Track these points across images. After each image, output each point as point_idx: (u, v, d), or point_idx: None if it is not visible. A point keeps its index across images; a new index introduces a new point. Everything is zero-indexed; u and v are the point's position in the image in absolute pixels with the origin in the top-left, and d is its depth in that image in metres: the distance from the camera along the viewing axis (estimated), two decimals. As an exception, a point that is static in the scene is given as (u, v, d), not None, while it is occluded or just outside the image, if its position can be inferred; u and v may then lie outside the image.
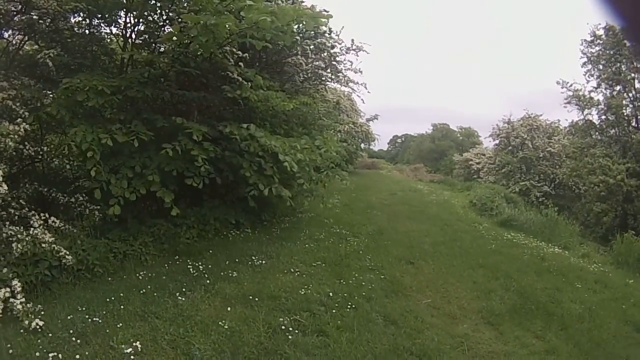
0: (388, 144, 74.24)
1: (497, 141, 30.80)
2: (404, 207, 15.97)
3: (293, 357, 4.46)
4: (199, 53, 7.30)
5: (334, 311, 5.68)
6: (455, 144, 52.73)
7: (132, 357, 4.07)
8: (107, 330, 4.49)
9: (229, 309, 5.34)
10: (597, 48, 22.25)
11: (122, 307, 5.06)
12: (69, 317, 4.68)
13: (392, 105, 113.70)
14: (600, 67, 22.03)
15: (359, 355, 4.68)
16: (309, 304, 5.76)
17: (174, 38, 7.21)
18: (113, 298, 5.25)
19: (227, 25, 5.96)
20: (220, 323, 4.90)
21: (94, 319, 4.71)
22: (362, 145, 30.06)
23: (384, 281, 7.21)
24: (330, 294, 6.18)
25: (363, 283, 6.86)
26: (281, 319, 5.21)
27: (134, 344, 4.21)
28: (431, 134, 59.18)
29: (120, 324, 4.64)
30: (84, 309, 4.92)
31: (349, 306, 5.87)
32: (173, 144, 6.34)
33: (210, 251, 7.43)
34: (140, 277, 6.05)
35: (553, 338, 5.95)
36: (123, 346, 4.19)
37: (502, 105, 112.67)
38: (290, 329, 5.01)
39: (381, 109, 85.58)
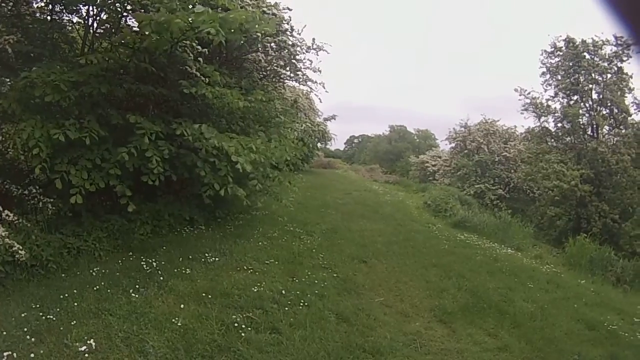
0: (345, 144, 74.46)
1: (453, 144, 31.39)
2: (359, 206, 16.11)
3: (246, 354, 4.52)
4: (158, 49, 7.25)
5: (286, 309, 5.77)
6: (412, 145, 53.51)
7: (86, 355, 4.09)
8: (62, 328, 4.49)
9: (182, 306, 5.37)
10: (557, 59, 23.18)
11: (76, 304, 5.04)
12: (22, 315, 4.66)
13: (352, 105, 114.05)
14: (559, 77, 22.92)
15: (311, 352, 4.78)
16: (261, 302, 5.83)
17: (128, 37, 7.18)
18: (67, 295, 5.22)
19: (178, 23, 5.99)
20: (173, 320, 4.94)
21: (48, 316, 4.70)
22: (319, 145, 30.12)
23: (337, 279, 7.35)
24: (283, 291, 6.28)
25: (316, 281, 6.97)
26: (234, 316, 5.27)
27: (88, 341, 4.23)
28: (388, 135, 59.72)
29: (75, 322, 4.63)
30: (38, 306, 4.90)
31: (301, 304, 5.97)
32: (128, 147, 6.32)
33: (164, 247, 7.44)
34: (94, 274, 6.02)
35: (505, 336, 6.13)
36: (77, 344, 4.21)
37: (461, 108, 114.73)
38: (243, 326, 5.09)
39: (340, 108, 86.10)
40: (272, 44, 11.27)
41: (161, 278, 6.13)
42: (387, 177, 34.29)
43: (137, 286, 5.75)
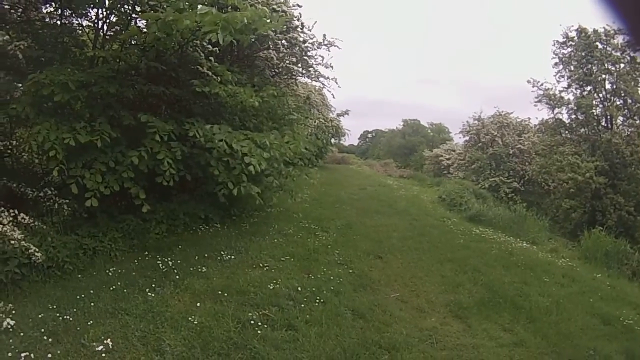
0: (359, 139, 74.19)
1: (467, 138, 31.05)
2: (373, 201, 15.97)
3: (262, 351, 4.53)
4: (166, 48, 7.31)
5: (302, 305, 5.77)
6: (426, 139, 53.41)
7: (103, 354, 4.12)
8: (78, 328, 4.52)
9: (198, 304, 5.40)
10: (569, 49, 22.82)
11: (92, 304, 5.08)
12: (40, 316, 4.70)
13: (365, 100, 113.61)
14: (572, 67, 22.59)
15: (327, 349, 4.77)
16: (277, 299, 5.82)
17: (135, 35, 7.23)
18: (83, 295, 5.25)
19: (186, 22, 6.01)
20: (190, 319, 4.96)
21: (65, 316, 4.73)
22: (332, 140, 30.05)
23: (353, 275, 7.32)
24: (299, 288, 6.27)
25: (331, 277, 6.95)
26: (250, 314, 5.29)
27: (105, 341, 4.26)
28: (402, 129, 59.73)
29: (91, 322, 4.67)
30: (54, 307, 4.92)
31: (317, 300, 5.96)
32: (139, 150, 6.36)
33: (180, 246, 7.45)
34: (110, 274, 6.05)
35: (521, 331, 6.09)
36: (94, 344, 4.23)
37: (473, 102, 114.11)
38: (259, 323, 5.09)
39: (353, 102, 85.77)
40: (284, 41, 11.24)
41: (177, 277, 6.16)
42: (402, 172, 34.24)
43: (153, 285, 5.79)
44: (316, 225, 10.22)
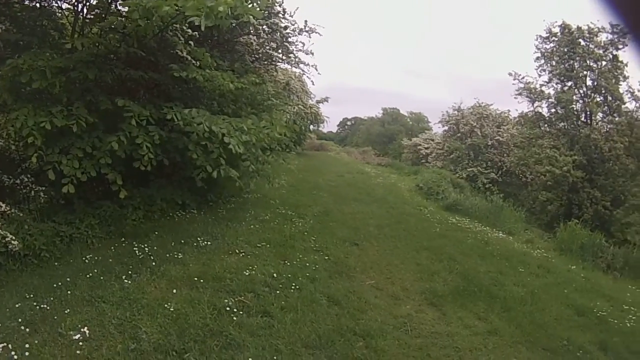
0: (338, 126, 74.37)
1: (446, 127, 31.30)
2: (351, 189, 16.08)
3: (238, 338, 4.58)
4: (146, 33, 7.20)
5: (278, 292, 5.83)
6: (405, 128, 53.60)
7: (80, 343, 4.13)
8: (56, 317, 4.52)
9: (174, 291, 5.41)
10: (552, 45, 23.12)
11: (69, 292, 5.07)
12: (17, 306, 4.70)
13: (346, 87, 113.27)
14: (553, 63, 22.90)
15: (302, 336, 4.86)
16: (253, 285, 5.88)
17: (115, 23, 7.19)
18: (60, 283, 5.24)
19: (166, 8, 5.95)
20: (166, 305, 4.98)
21: (42, 305, 4.73)
22: (311, 127, 30.06)
23: (328, 262, 7.40)
24: (275, 274, 6.33)
25: (307, 264, 7.03)
26: (226, 300, 5.33)
27: (82, 329, 4.27)
28: (381, 117, 60.12)
29: (68, 310, 4.67)
30: (32, 296, 4.94)
31: (292, 287, 6.03)
32: (117, 135, 6.33)
33: (156, 232, 7.45)
34: (86, 261, 6.05)
35: (495, 319, 6.23)
36: (71, 332, 4.24)
37: (455, 93, 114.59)
38: (235, 310, 5.15)
39: (334, 90, 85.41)
40: (265, 27, 11.23)
41: (153, 263, 6.16)
42: (380, 160, 34.45)
43: (129, 272, 5.78)
44: (293, 212, 10.26)
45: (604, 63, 21.95)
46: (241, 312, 5.15)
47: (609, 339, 6.38)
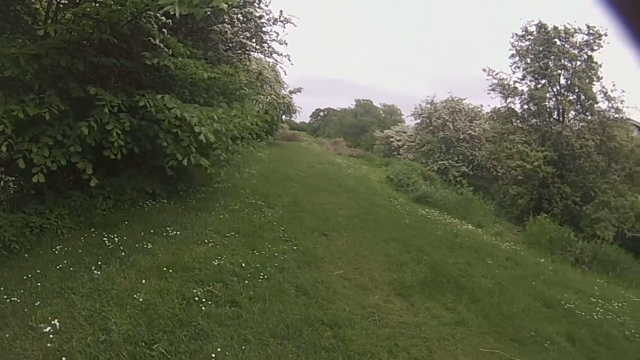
0: (310, 117, 74.20)
1: (418, 120, 31.36)
2: (322, 179, 16.10)
3: (206, 328, 4.63)
4: (119, 19, 7.16)
5: (246, 282, 5.88)
6: (378, 120, 54.23)
7: (51, 335, 4.13)
8: (26, 310, 4.52)
9: (143, 281, 5.41)
10: (527, 43, 23.35)
11: (39, 284, 5.06)
12: (-13, 299, 4.67)
13: (320, 78, 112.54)
14: (528, 60, 23.16)
15: (270, 325, 4.93)
16: (222, 275, 5.92)
17: (89, 9, 7.10)
18: (30, 275, 5.23)
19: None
20: (135, 296, 5.00)
21: (12, 298, 4.72)
22: (283, 117, 30.24)
23: (297, 252, 7.49)
24: (243, 264, 6.37)
25: (276, 254, 7.09)
26: (195, 290, 5.35)
27: (53, 322, 4.27)
28: (354, 109, 60.31)
29: (38, 302, 4.66)
30: (1, 288, 4.91)
31: (261, 277, 6.08)
32: (88, 120, 6.25)
33: (126, 222, 7.42)
34: (56, 252, 6.01)
35: (463, 310, 6.40)
36: (42, 325, 4.24)
37: (430, 87, 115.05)
38: (204, 300, 5.19)
39: (308, 81, 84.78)
40: (239, 15, 11.21)
41: (122, 254, 6.15)
42: (352, 151, 34.64)
43: (99, 263, 5.77)
44: (263, 202, 10.28)
45: (578, 63, 22.32)
46: (210, 302, 5.18)
47: (577, 330, 6.65)
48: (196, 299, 5.19)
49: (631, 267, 13.21)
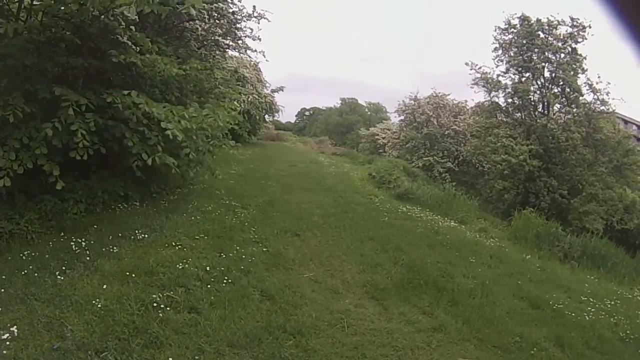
0: (296, 116, 74.94)
1: (402, 117, 31.70)
2: (301, 178, 16.16)
3: (162, 336, 4.60)
4: (85, 18, 7.24)
5: (209, 286, 5.82)
6: (364, 118, 54.90)
7: (8, 342, 4.17)
8: None
9: (105, 286, 5.42)
10: (510, 36, 23.53)
11: (3, 290, 5.10)
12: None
13: (305, 77, 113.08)
14: (511, 53, 23.33)
15: (229, 334, 4.86)
16: (185, 279, 5.88)
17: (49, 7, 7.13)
18: None
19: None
20: (94, 302, 5.01)
21: None
22: (267, 117, 30.79)
23: (266, 254, 7.43)
24: (208, 268, 6.33)
25: (244, 256, 7.04)
26: (154, 296, 5.33)
27: (11, 328, 4.31)
28: (339, 108, 61.31)
29: (1, 309, 4.71)
30: None
31: (225, 281, 6.03)
32: (52, 121, 6.34)
33: (96, 226, 7.42)
34: (24, 258, 6.02)
35: (441, 314, 6.17)
36: (1, 332, 4.26)
37: (415, 84, 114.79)
38: (162, 306, 5.14)
39: (293, 80, 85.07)
40: (211, 12, 11.29)
41: (87, 258, 6.15)
42: (335, 149, 35.07)
43: (63, 268, 5.78)
44: (237, 202, 10.28)
45: (562, 55, 22.54)
46: (168, 308, 5.13)
47: (566, 333, 6.40)
48: (155, 305, 5.15)
49: (623, 262, 13.20)
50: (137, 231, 7.43)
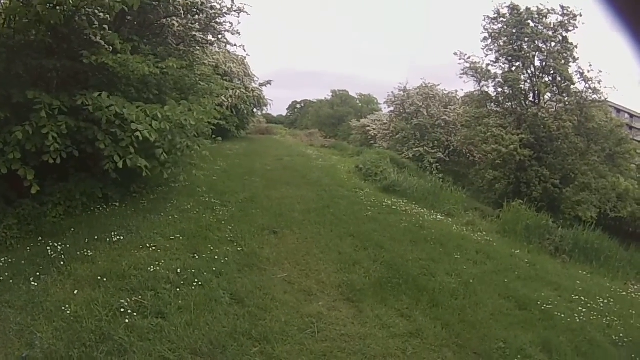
0: (287, 109, 75.35)
1: (392, 108, 32.15)
2: (286, 172, 16.15)
3: (126, 343, 4.60)
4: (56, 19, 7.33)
5: (178, 290, 5.79)
6: (355, 110, 55.30)
7: None
8: None
9: (76, 292, 5.48)
10: (500, 25, 23.86)
11: None
12: None
13: (296, 71, 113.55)
14: (501, 43, 23.64)
15: (192, 340, 4.83)
16: (155, 282, 5.88)
17: (18, 10, 7.30)
18: None
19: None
20: (64, 308, 5.07)
21: None
22: (255, 111, 31.28)
23: (241, 254, 7.39)
24: (179, 270, 6.30)
25: (217, 257, 7.03)
26: (122, 301, 5.33)
27: None
28: (330, 100, 61.61)
29: None
30: None
31: (195, 283, 5.99)
32: (23, 124, 6.49)
33: (73, 229, 7.51)
34: (0, 264, 6.13)
35: (420, 317, 6.04)
36: None
37: (407, 76, 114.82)
38: (130, 311, 5.15)
39: (284, 74, 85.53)
40: (193, 8, 11.38)
41: (62, 263, 6.22)
42: (324, 142, 35.39)
43: (38, 273, 5.86)
44: (217, 199, 10.30)
45: (553, 44, 22.86)
46: (135, 314, 5.13)
47: (555, 337, 6.21)
48: (122, 310, 5.17)
49: (616, 255, 12.77)
50: (113, 233, 7.47)
